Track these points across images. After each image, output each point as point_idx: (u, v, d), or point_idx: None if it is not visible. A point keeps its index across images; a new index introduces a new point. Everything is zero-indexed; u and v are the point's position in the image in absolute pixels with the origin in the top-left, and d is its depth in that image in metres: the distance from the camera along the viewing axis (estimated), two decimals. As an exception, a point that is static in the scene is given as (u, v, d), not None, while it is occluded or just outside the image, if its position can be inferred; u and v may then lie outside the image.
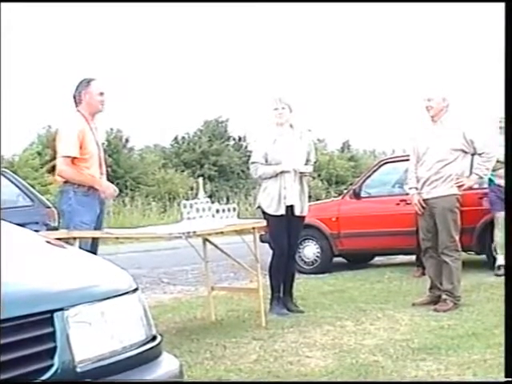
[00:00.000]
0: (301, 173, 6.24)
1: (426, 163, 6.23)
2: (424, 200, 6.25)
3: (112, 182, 5.67)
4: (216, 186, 28.50)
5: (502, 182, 6.80)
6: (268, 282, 6.41)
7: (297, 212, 6.21)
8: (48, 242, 2.77)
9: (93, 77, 5.53)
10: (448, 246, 6.17)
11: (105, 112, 5.59)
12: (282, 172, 6.16)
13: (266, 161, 6.22)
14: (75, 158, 5.28)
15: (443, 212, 6.16)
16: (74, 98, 5.45)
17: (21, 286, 2.08)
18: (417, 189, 6.31)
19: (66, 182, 5.35)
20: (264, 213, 6.25)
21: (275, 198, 6.16)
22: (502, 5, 4.12)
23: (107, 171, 5.75)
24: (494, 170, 8.01)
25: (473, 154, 6.41)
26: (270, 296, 6.31)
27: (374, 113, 47.78)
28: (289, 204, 6.16)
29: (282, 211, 6.16)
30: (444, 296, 6.19)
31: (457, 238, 6.21)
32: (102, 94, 5.44)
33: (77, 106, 5.45)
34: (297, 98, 6.47)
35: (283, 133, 6.25)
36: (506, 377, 3.37)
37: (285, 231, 6.19)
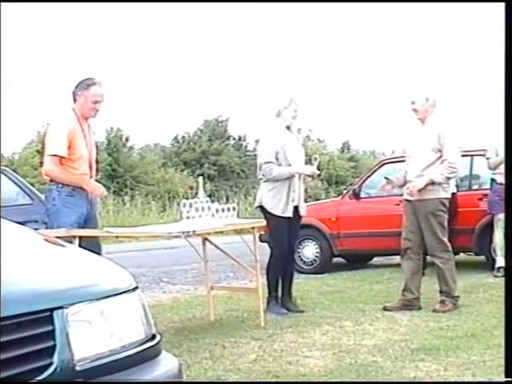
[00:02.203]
0: (308, 175, 6.36)
1: (412, 166, 6.17)
2: (409, 201, 6.18)
3: (112, 181, 5.64)
4: (216, 185, 28.51)
5: (503, 180, 6.70)
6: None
7: (302, 212, 6.31)
8: (47, 240, 2.77)
9: (97, 78, 5.34)
10: (437, 249, 6.10)
11: (105, 111, 5.46)
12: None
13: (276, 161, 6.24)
14: (63, 157, 5.17)
15: (426, 216, 6.05)
16: (72, 94, 5.31)
17: (21, 285, 2.08)
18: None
19: (51, 181, 5.26)
20: (267, 213, 6.23)
21: (283, 199, 6.17)
22: (502, 5, 4.12)
23: (106, 170, 5.71)
24: (494, 168, 8.03)
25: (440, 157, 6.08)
26: (267, 296, 6.30)
27: (374, 113, 47.78)
28: (295, 205, 6.22)
29: (290, 213, 6.20)
30: (442, 297, 6.15)
31: (445, 239, 6.10)
32: (97, 102, 5.27)
33: (73, 102, 5.31)
34: (297, 98, 6.46)
35: (287, 134, 6.28)
36: (506, 377, 3.37)
37: (287, 231, 6.21)
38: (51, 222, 5.26)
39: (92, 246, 5.06)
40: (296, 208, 6.23)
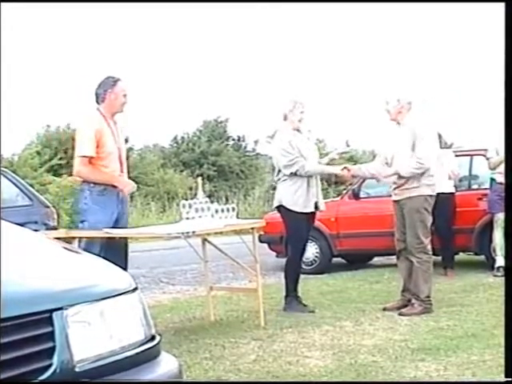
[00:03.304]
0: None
1: (394, 166, 6.16)
2: (396, 201, 6.18)
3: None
4: (215, 186, 28.47)
5: (503, 179, 6.69)
6: (267, 282, 6.42)
7: (321, 207, 6.40)
8: (48, 241, 2.77)
9: (117, 76, 5.44)
10: (415, 248, 6.06)
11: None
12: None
13: None
14: (92, 157, 5.25)
15: (410, 212, 6.05)
16: (97, 95, 5.36)
17: (20, 286, 2.08)
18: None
19: (83, 181, 5.36)
20: (288, 210, 6.24)
21: (303, 195, 6.22)
22: (502, 5, 4.11)
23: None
24: (494, 168, 8.03)
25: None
26: (284, 294, 6.37)
27: (374, 113, 47.75)
28: (315, 201, 6.30)
29: (311, 208, 6.27)
30: (412, 300, 6.10)
31: (424, 239, 6.06)
32: (125, 95, 5.40)
33: (98, 104, 5.36)
34: (301, 99, 6.47)
35: (297, 135, 6.32)
36: (506, 377, 3.37)
37: (305, 228, 6.31)
38: (83, 220, 5.34)
39: (119, 249, 5.11)
40: (316, 204, 6.32)
